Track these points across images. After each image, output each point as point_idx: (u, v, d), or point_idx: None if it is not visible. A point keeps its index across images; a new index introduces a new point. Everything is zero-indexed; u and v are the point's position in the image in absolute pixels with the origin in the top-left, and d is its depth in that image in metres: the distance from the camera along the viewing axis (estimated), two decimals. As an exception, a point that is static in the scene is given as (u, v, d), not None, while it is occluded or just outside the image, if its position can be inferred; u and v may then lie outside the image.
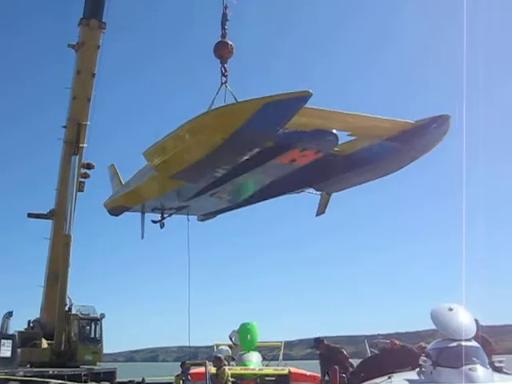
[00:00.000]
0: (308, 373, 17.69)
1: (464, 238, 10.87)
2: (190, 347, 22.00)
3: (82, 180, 28.71)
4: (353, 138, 12.23)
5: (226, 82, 13.20)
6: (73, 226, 27.36)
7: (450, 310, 11.03)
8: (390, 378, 10.83)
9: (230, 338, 22.26)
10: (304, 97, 9.74)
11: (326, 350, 14.48)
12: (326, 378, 14.00)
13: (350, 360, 14.20)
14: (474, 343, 10.68)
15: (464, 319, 10.98)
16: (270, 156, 11.57)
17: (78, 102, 27.91)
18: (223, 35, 13.56)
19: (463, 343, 10.45)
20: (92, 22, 27.26)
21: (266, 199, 14.90)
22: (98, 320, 27.36)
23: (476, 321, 16.18)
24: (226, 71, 13.33)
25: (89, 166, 28.84)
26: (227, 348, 21.25)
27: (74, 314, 26.97)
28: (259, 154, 11.34)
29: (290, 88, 9.91)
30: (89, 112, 28.19)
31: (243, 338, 21.21)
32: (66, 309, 26.84)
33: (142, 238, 16.21)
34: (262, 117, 9.80)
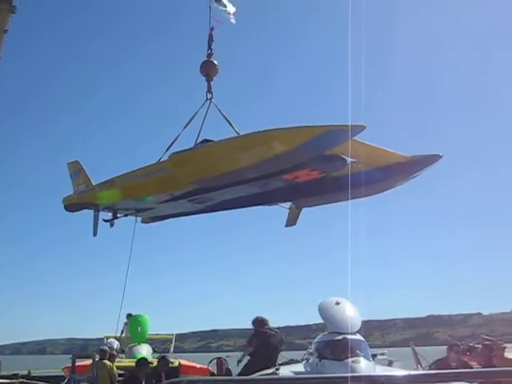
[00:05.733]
0: (198, 365, 17.60)
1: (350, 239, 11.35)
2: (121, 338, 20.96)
3: None
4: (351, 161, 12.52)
5: (211, 98, 14.02)
6: None
7: (337, 303, 11.22)
8: (277, 369, 10.91)
9: (121, 331, 21.80)
10: (359, 129, 10.61)
11: None
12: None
13: None
14: (358, 336, 10.91)
15: (350, 313, 11.21)
16: (283, 172, 11.91)
17: None
18: (209, 55, 14.37)
19: (348, 336, 10.64)
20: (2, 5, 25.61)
21: (235, 208, 14.91)
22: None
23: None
24: (211, 88, 14.13)
25: None
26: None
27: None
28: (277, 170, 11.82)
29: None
30: None
31: (133, 331, 20.84)
32: None
33: (95, 235, 16.12)
34: (318, 141, 10.58)
